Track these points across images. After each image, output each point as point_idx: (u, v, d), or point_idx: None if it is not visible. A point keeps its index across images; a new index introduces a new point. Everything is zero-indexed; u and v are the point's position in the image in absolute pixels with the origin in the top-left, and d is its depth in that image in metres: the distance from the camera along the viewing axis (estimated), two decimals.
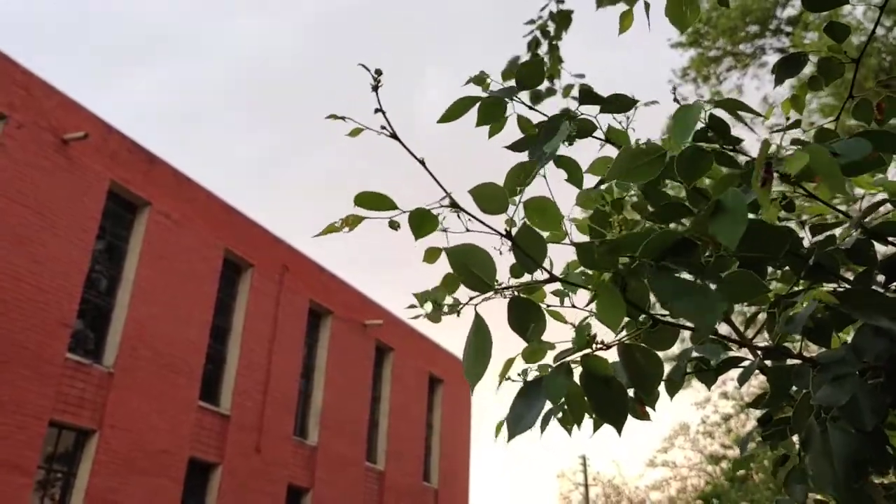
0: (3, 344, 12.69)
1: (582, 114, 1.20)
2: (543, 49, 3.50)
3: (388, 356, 23.81)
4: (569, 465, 54.91)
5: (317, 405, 20.35)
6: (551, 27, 3.49)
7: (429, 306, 1.13)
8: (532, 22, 3.55)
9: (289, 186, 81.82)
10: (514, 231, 1.05)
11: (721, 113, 1.07)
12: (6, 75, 13.60)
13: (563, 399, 1.38)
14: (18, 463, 12.60)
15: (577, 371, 1.05)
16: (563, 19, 3.45)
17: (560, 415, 1.49)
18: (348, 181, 77.90)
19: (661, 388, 1.25)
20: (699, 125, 1.04)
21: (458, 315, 1.09)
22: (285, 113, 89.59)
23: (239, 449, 17.28)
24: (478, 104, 1.19)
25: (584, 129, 1.24)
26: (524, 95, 1.22)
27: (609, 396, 1.00)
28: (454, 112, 1.16)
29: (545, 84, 3.51)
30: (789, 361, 1.31)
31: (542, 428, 1.53)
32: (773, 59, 16.87)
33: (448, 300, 1.10)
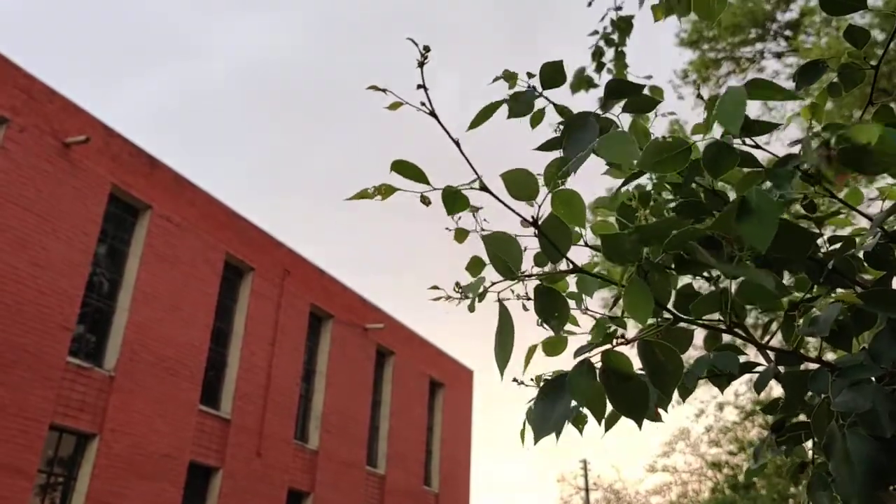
0: (4, 347, 12.68)
1: (605, 113, 1.20)
2: (608, 57, 3.55)
3: (388, 360, 23.79)
4: (569, 469, 54.78)
5: (317, 409, 20.32)
6: (615, 35, 3.56)
7: (445, 295, 1.15)
8: (595, 33, 3.62)
9: (290, 189, 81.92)
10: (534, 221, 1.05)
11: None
12: (8, 79, 13.61)
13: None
14: (19, 466, 12.57)
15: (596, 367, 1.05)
16: (625, 25, 3.51)
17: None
18: (351, 184, 77.90)
19: None
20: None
21: (480, 300, 1.10)
22: (287, 115, 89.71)
23: (239, 453, 17.26)
24: (508, 97, 1.21)
25: (606, 128, 1.24)
26: (552, 95, 1.23)
27: (630, 392, 0.99)
28: (481, 118, 1.18)
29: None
30: (803, 366, 1.31)
31: (558, 435, 1.52)
32: (772, 63, 16.89)
33: (479, 290, 1.12)
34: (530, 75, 1.16)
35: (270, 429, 18.22)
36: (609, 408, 1.06)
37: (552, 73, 1.12)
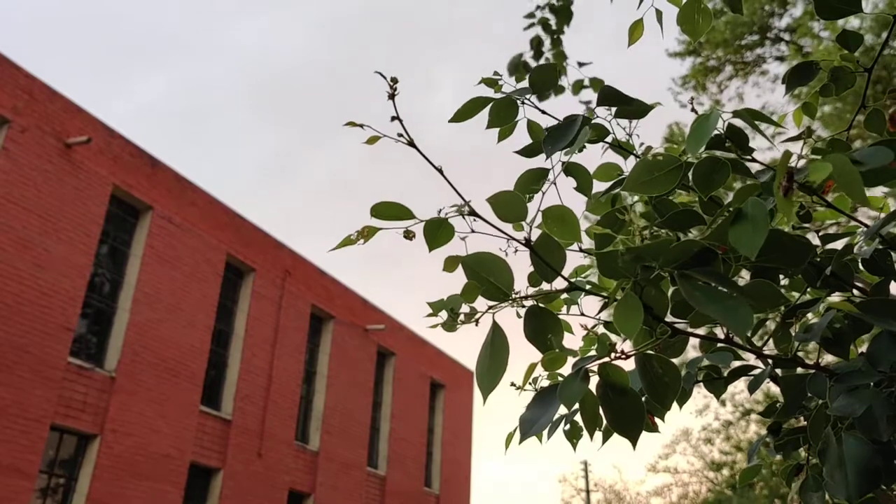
0: (5, 347, 12.69)
1: (597, 116, 1.18)
2: (547, 45, 3.41)
3: (389, 361, 23.79)
4: (570, 471, 54.75)
5: (318, 410, 20.32)
6: (552, 21, 3.41)
7: (444, 315, 1.10)
8: (532, 16, 3.46)
9: (291, 189, 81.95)
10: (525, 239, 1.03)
11: (736, 122, 1.06)
12: (10, 79, 13.62)
13: (574, 407, 1.37)
14: (20, 467, 12.58)
15: (594, 380, 1.04)
16: (563, 12, 3.38)
17: (567, 427, 1.48)
18: (352, 184, 77.98)
19: None
20: (716, 131, 1.03)
21: (476, 324, 1.06)
22: (289, 115, 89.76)
23: (240, 454, 17.25)
24: (489, 105, 1.16)
25: (597, 134, 1.22)
26: (536, 98, 1.20)
27: (625, 407, 0.99)
28: (466, 112, 1.14)
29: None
30: (800, 371, 1.30)
31: (549, 435, 1.52)
32: (772, 67, 16.90)
33: (465, 308, 1.07)
34: (519, 79, 1.14)
35: (271, 430, 18.22)
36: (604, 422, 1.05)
37: (543, 78, 1.10)
